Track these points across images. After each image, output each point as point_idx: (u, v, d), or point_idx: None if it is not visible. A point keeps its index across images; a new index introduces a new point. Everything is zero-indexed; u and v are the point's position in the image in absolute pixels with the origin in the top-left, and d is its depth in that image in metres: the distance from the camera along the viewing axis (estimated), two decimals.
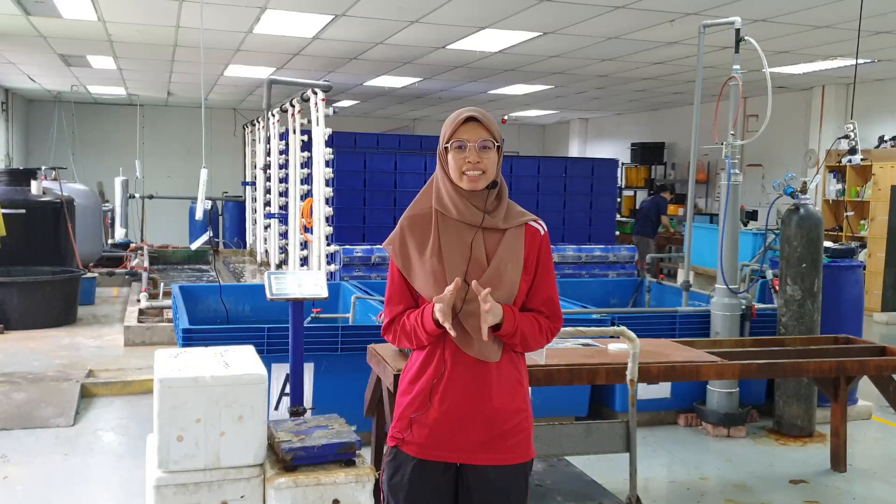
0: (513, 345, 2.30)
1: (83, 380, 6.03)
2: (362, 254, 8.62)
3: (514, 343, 2.29)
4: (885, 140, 11.30)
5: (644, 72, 11.39)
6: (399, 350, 3.60)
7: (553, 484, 3.88)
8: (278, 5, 7.71)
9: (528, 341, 2.31)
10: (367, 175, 9.39)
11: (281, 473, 3.10)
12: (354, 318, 5.88)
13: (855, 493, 4.63)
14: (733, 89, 5.38)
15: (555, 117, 19.15)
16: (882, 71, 10.78)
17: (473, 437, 2.29)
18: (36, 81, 14.08)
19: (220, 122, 17.81)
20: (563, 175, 10.31)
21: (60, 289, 8.33)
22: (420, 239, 2.33)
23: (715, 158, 14.23)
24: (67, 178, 10.98)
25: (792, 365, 4.32)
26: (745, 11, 7.11)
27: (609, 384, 5.11)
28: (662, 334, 5.31)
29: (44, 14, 8.33)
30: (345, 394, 4.54)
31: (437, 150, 2.36)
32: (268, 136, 9.75)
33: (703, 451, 5.23)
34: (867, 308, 8.20)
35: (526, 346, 2.33)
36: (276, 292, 3.87)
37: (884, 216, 10.70)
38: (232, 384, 3.12)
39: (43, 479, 4.44)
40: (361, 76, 12.36)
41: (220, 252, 12.86)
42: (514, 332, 2.26)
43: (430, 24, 8.37)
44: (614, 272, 9.74)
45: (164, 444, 3.05)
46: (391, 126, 19.17)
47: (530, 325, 2.30)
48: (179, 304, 5.81)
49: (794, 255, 5.42)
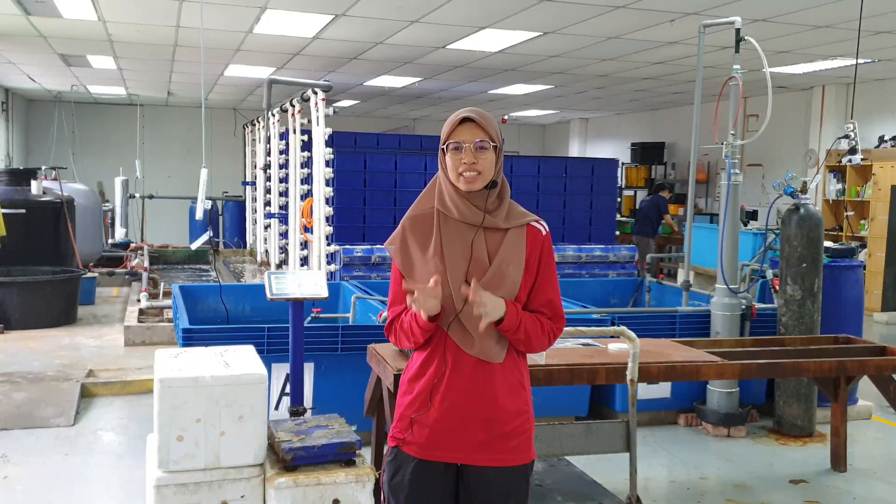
0: (516, 341, 2.30)
1: (83, 380, 6.03)
2: (362, 254, 8.62)
3: (517, 339, 2.29)
4: (885, 140, 11.30)
5: (644, 72, 11.39)
6: (399, 350, 3.60)
7: (553, 484, 3.89)
8: (278, 5, 7.70)
9: (532, 339, 2.30)
10: (367, 175, 9.39)
11: (281, 473, 3.10)
12: (354, 318, 5.88)
13: (855, 493, 4.63)
14: (733, 89, 5.38)
15: (555, 117, 19.16)
16: (882, 71, 10.78)
17: (474, 437, 2.29)
18: (36, 81, 14.08)
19: (220, 122, 17.81)
20: (563, 175, 10.31)
21: (60, 289, 8.33)
22: (422, 239, 2.33)
23: (715, 158, 14.24)
24: (67, 178, 10.98)
25: (792, 365, 4.32)
26: (745, 11, 7.11)
27: (609, 384, 5.11)
28: (662, 334, 5.31)
29: (44, 14, 8.32)
30: (345, 394, 4.55)
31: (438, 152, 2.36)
32: (268, 136, 9.75)
33: (703, 451, 5.23)
34: (867, 308, 8.20)
35: (529, 345, 2.32)
36: (276, 292, 3.87)
37: (884, 216, 10.70)
38: (232, 384, 3.12)
39: (43, 479, 4.44)
40: (361, 76, 12.36)
41: (220, 252, 12.86)
42: (517, 326, 2.25)
43: (430, 24, 8.36)
44: (614, 272, 9.75)
45: (164, 444, 3.05)
46: (391, 126, 19.17)
47: (533, 324, 2.30)
48: (179, 303, 5.81)
49: (795, 255, 5.42)
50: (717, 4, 7.22)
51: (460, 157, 2.26)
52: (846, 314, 5.82)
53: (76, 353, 7.07)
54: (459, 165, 2.27)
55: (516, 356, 2.36)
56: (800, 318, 5.41)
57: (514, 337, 2.28)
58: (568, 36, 8.87)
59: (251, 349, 3.54)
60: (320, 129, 7.63)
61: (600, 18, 7.92)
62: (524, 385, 2.37)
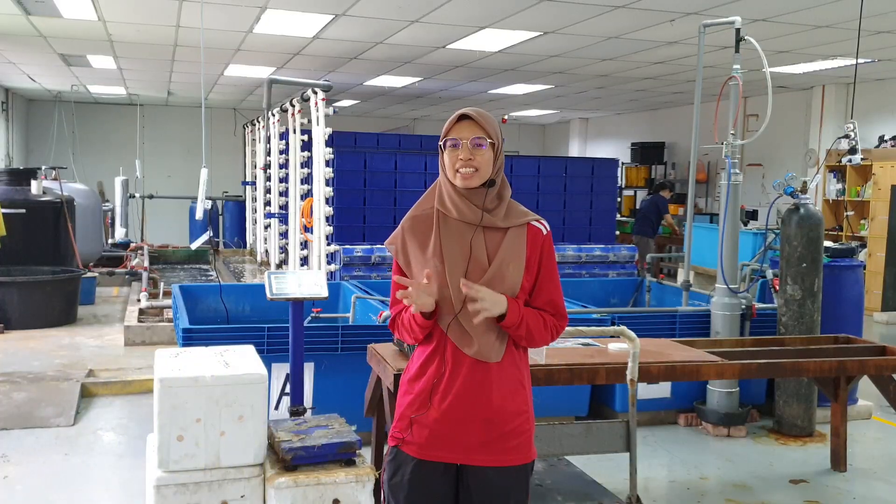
0: (518, 337, 2.30)
1: (83, 379, 6.03)
2: (362, 253, 8.62)
3: (519, 335, 2.29)
4: (885, 140, 11.30)
5: (644, 71, 11.39)
6: (399, 350, 3.61)
7: (553, 484, 3.89)
8: (278, 5, 7.70)
9: (534, 334, 2.30)
10: (367, 175, 9.40)
11: (281, 473, 3.10)
12: (354, 318, 5.88)
13: (855, 493, 4.63)
14: (733, 89, 5.38)
15: (555, 117, 19.15)
16: (882, 71, 10.78)
17: (473, 437, 2.29)
18: (36, 81, 14.08)
19: (220, 122, 17.81)
20: (563, 175, 10.31)
21: (60, 288, 8.33)
22: (421, 239, 2.34)
23: (715, 158, 14.23)
24: (67, 178, 10.98)
25: (792, 365, 4.32)
26: (745, 11, 7.11)
27: (609, 384, 5.10)
28: (662, 334, 5.31)
29: (44, 14, 8.32)
30: (345, 394, 4.55)
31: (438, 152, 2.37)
32: (268, 136, 9.75)
33: (703, 451, 5.23)
34: (867, 308, 8.20)
35: (531, 340, 2.32)
36: (276, 292, 3.87)
37: (884, 216, 10.70)
38: (232, 384, 3.12)
39: (43, 479, 4.44)
40: (361, 76, 12.36)
41: (220, 252, 12.87)
42: (518, 322, 2.25)
43: (430, 23, 8.36)
44: (614, 272, 9.75)
45: (164, 444, 3.06)
46: (391, 126, 19.17)
47: (535, 319, 2.30)
48: (179, 303, 5.80)
49: (795, 255, 5.42)
50: (717, 4, 7.22)
51: (457, 153, 2.27)
52: (846, 314, 5.82)
53: (76, 353, 7.07)
54: (456, 162, 2.27)
55: (517, 356, 2.36)
56: (800, 318, 5.41)
57: (516, 333, 2.29)
58: (568, 36, 8.87)
59: (251, 349, 3.54)
60: (320, 129, 7.63)
61: (600, 18, 7.92)
62: (524, 385, 2.37)
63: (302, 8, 7.83)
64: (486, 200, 2.30)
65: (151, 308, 8.46)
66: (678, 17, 7.84)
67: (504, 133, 2.42)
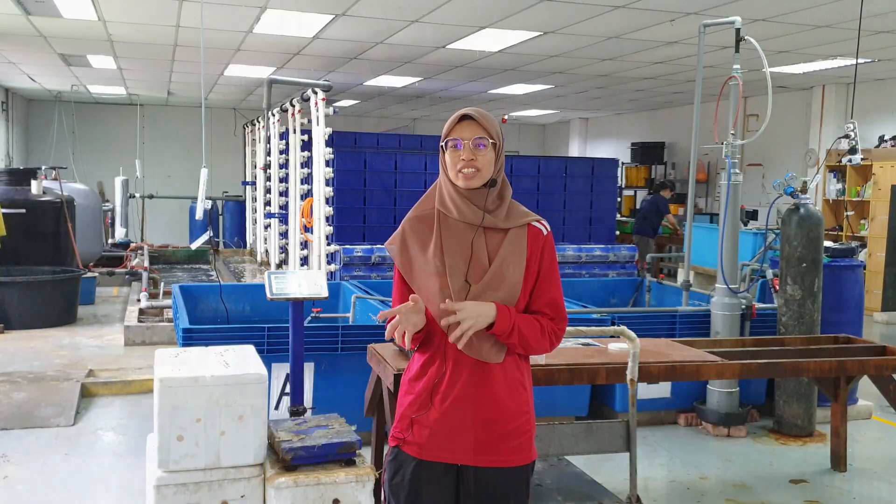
0: (511, 345, 2.27)
1: (83, 379, 6.04)
2: (362, 253, 8.62)
3: (511, 343, 2.26)
4: (885, 140, 11.30)
5: (644, 71, 11.39)
6: (399, 350, 3.61)
7: (553, 483, 3.89)
8: (278, 5, 7.70)
9: (529, 342, 2.27)
10: (367, 175, 9.40)
11: (281, 473, 3.10)
12: (354, 318, 5.88)
13: (855, 493, 4.63)
14: (733, 89, 5.38)
15: (555, 117, 19.15)
16: (882, 71, 10.78)
17: (474, 438, 2.29)
18: (36, 81, 14.08)
19: (220, 122, 17.81)
20: (563, 175, 10.32)
21: (60, 288, 8.34)
22: (422, 240, 2.33)
23: (715, 158, 14.24)
24: (67, 178, 10.98)
25: (792, 365, 4.32)
26: (745, 11, 7.11)
27: (609, 384, 5.10)
28: (662, 334, 5.32)
29: (44, 14, 8.32)
30: (345, 394, 4.55)
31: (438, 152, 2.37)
32: (268, 136, 9.75)
33: (703, 451, 5.23)
34: (867, 308, 8.20)
35: (527, 348, 2.29)
36: (276, 292, 3.87)
37: (884, 216, 10.70)
38: (232, 384, 3.12)
39: (43, 479, 4.44)
40: (361, 76, 12.36)
41: (221, 252, 12.87)
42: (509, 330, 2.22)
43: (430, 23, 8.36)
44: (614, 272, 9.75)
45: (164, 444, 3.06)
46: (391, 126, 19.17)
47: (530, 326, 2.27)
48: (179, 303, 5.81)
49: (795, 255, 5.42)
50: (717, 4, 7.22)
51: (459, 153, 2.27)
52: (846, 314, 5.82)
53: (76, 353, 7.07)
54: (458, 162, 2.27)
55: (518, 357, 2.35)
56: (800, 318, 5.41)
57: (507, 341, 2.25)
58: (568, 36, 8.87)
59: (251, 349, 3.54)
60: (320, 129, 7.63)
61: (600, 18, 7.92)
62: (525, 386, 2.37)
63: (302, 8, 7.83)
64: (488, 201, 2.29)
65: (151, 308, 8.46)
66: (678, 17, 7.84)
67: (504, 133, 2.42)
